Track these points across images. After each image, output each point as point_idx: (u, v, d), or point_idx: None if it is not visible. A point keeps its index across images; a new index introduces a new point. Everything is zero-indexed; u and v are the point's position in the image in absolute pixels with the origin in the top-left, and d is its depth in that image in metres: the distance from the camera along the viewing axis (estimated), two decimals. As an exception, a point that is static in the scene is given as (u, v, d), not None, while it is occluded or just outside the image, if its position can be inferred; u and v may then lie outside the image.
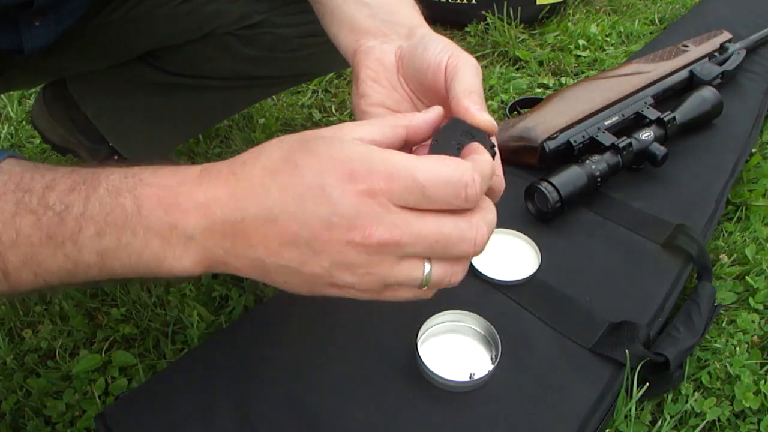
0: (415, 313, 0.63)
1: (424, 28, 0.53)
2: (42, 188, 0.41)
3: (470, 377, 0.60)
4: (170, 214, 0.40)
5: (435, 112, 0.45)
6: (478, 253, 0.41)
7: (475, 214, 0.40)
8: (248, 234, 0.39)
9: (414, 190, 0.37)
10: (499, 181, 0.46)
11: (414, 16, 0.55)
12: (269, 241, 0.39)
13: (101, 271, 0.42)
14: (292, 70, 0.85)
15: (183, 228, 0.40)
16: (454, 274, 0.41)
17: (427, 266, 0.40)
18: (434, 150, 0.43)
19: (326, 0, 0.57)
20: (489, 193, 0.43)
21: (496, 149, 0.45)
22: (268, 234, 0.39)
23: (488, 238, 0.41)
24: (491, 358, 0.62)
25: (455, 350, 0.63)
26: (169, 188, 0.41)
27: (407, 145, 0.44)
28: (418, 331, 0.62)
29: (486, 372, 0.60)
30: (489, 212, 0.41)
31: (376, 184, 0.37)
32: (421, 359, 0.60)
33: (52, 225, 0.40)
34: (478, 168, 0.39)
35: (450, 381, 0.59)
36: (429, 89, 0.50)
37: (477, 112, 0.44)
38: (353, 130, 0.41)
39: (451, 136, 0.44)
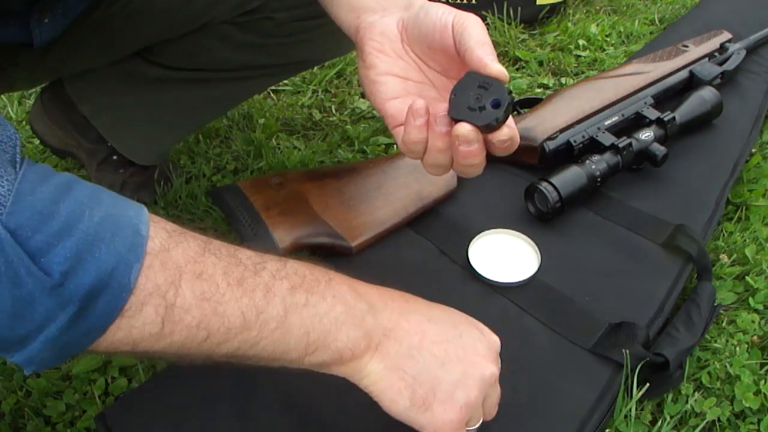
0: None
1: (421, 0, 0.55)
2: (229, 251, 0.43)
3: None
4: (354, 289, 0.48)
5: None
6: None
7: None
8: (411, 324, 0.49)
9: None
10: (515, 133, 0.49)
11: None
12: (427, 336, 0.49)
13: (273, 331, 0.43)
14: (291, 57, 0.85)
15: (366, 301, 0.48)
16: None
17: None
18: (453, 103, 0.47)
19: None
20: (509, 142, 0.48)
21: (513, 95, 0.48)
22: (428, 329, 0.50)
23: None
24: None
25: None
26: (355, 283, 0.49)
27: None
28: None
29: None
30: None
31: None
32: None
33: (245, 274, 0.42)
34: None
35: None
36: (436, 51, 0.52)
37: (491, 62, 0.47)
38: None
39: (468, 89, 0.47)
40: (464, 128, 0.47)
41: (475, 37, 0.49)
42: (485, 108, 0.47)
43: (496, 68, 0.47)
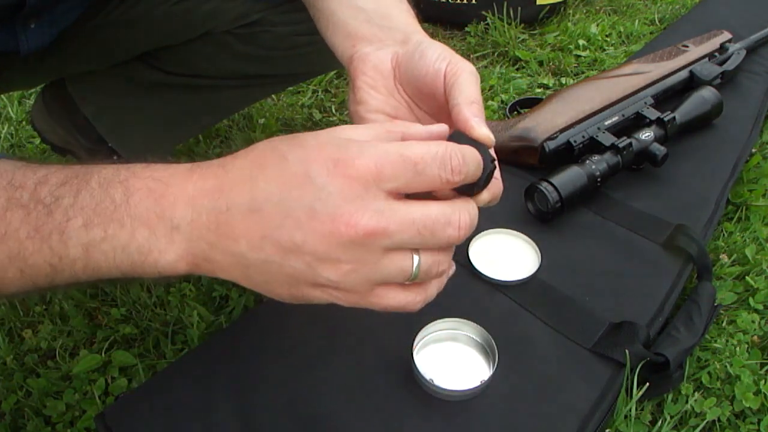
0: (413, 319, 0.62)
1: (419, 34, 0.53)
2: (34, 183, 0.41)
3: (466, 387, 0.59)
4: (158, 203, 0.40)
5: (438, 129, 0.45)
6: (462, 238, 0.41)
7: (457, 201, 0.41)
8: (232, 225, 0.38)
9: (406, 166, 0.37)
10: (498, 185, 0.46)
11: (409, 22, 0.55)
12: (252, 233, 0.38)
13: (86, 267, 0.41)
14: (291, 68, 0.85)
15: (170, 217, 0.39)
16: (441, 263, 0.42)
17: (416, 257, 0.40)
18: None
19: (321, 5, 0.57)
20: (489, 203, 0.45)
21: (496, 163, 0.46)
22: (252, 225, 0.38)
23: (471, 226, 0.41)
24: (488, 367, 0.61)
25: (451, 359, 0.62)
26: (160, 180, 0.40)
27: None
28: (414, 339, 0.61)
29: (480, 382, 0.59)
30: (470, 203, 0.42)
31: (364, 168, 0.37)
32: (417, 368, 0.59)
33: (40, 217, 0.40)
34: (459, 145, 0.41)
35: (444, 390, 0.58)
36: (427, 95, 0.51)
37: (477, 125, 0.44)
38: (349, 132, 0.41)
39: None
40: (443, 193, 0.44)
41: (465, 93, 0.46)
42: None
43: (481, 132, 0.44)
